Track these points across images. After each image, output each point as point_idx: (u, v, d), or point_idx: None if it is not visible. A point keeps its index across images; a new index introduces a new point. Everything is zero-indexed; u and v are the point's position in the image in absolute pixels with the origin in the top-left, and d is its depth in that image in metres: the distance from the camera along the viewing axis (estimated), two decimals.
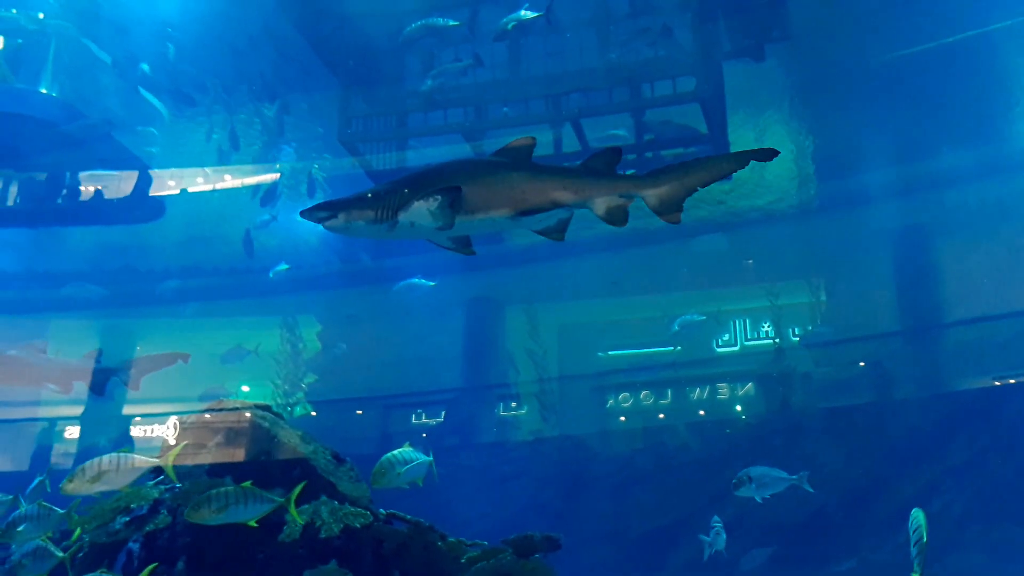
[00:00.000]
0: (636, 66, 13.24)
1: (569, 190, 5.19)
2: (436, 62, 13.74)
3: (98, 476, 7.12)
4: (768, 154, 5.03)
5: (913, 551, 8.39)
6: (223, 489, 6.80)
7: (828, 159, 17.92)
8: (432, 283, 18.42)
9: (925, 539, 8.36)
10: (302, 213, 5.14)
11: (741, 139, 14.25)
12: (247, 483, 6.94)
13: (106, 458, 7.22)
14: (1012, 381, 16.44)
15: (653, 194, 5.19)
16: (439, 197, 4.91)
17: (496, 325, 21.11)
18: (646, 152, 13.81)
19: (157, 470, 7.62)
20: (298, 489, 7.01)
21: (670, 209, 5.18)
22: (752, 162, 5.01)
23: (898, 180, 17.60)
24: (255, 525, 6.81)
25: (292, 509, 6.98)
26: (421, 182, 5.03)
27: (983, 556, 13.79)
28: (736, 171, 5.21)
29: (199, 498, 6.73)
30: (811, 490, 10.80)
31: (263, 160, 17.36)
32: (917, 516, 8.55)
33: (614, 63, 13.27)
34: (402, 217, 4.99)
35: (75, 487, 7.08)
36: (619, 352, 19.69)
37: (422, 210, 4.95)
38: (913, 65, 15.78)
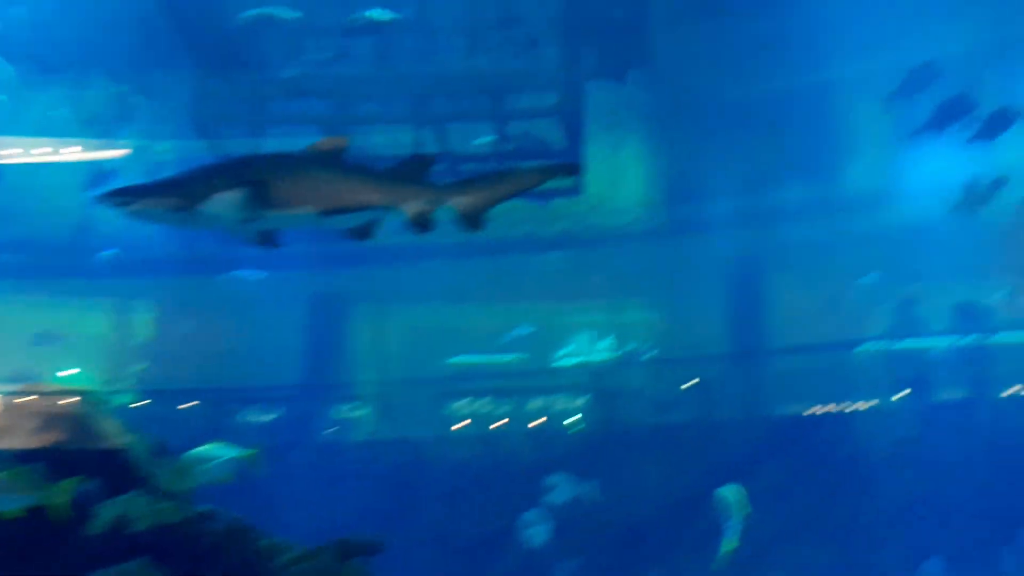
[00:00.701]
0: (500, 76, 13.44)
1: (378, 192, 5.18)
2: (300, 50, 13.54)
3: None
4: (571, 168, 5.34)
5: (731, 525, 8.79)
6: None
7: (676, 185, 18.75)
8: (262, 275, 18.02)
9: (747, 512, 8.74)
10: (98, 197, 5.02)
11: (596, 156, 14.72)
12: (25, 468, 6.61)
13: None
14: (829, 409, 17.64)
15: (460, 202, 5.26)
16: (243, 190, 4.81)
17: (341, 323, 20.88)
18: (506, 161, 14.00)
19: None
20: (71, 482, 6.65)
21: (475, 218, 5.28)
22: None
23: (740, 212, 18.48)
24: (20, 514, 6.48)
25: (58, 501, 6.60)
26: (226, 173, 4.96)
27: (786, 575, 14.71)
28: (541, 184, 5.40)
29: None
30: (599, 498, 11.21)
31: (110, 136, 16.58)
32: (732, 492, 8.92)
33: (478, 70, 13.42)
34: (204, 207, 4.88)
35: None
36: (463, 359, 19.84)
37: (225, 201, 4.83)
38: (762, 104, 16.71)
